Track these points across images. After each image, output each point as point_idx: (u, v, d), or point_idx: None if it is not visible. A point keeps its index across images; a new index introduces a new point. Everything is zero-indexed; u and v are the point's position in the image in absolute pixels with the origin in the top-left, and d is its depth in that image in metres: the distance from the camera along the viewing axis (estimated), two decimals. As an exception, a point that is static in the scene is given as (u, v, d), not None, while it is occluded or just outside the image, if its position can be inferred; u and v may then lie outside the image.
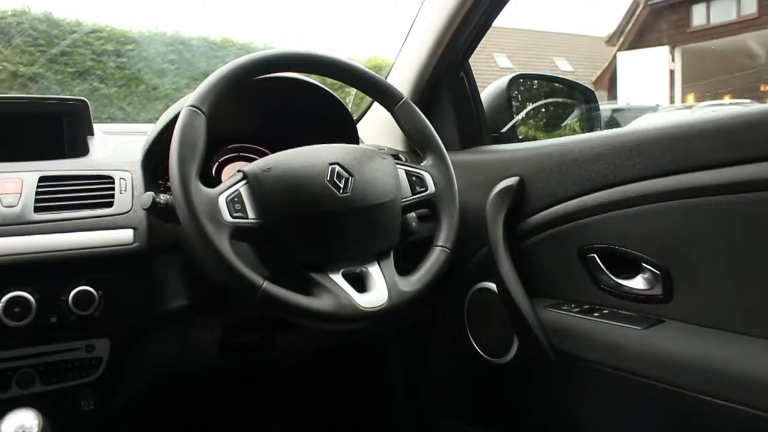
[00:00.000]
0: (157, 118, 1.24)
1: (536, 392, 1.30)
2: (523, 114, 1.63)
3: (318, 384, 1.82)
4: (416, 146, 1.19)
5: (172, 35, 6.62)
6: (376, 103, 1.61)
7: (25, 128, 1.24)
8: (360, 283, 1.01)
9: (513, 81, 1.54)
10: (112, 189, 1.14)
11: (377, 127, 1.58)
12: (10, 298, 1.02)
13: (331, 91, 1.28)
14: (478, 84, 1.53)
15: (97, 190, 1.13)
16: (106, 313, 1.09)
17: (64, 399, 1.13)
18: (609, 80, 14.17)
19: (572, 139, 1.23)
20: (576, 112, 1.71)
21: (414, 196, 1.13)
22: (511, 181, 1.25)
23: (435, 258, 1.09)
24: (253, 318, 1.28)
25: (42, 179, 1.11)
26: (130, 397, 1.27)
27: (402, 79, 1.51)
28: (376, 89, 1.18)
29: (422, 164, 1.17)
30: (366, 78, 1.17)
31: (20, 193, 1.08)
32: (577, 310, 1.14)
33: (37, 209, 1.07)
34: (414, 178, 1.14)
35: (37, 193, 1.09)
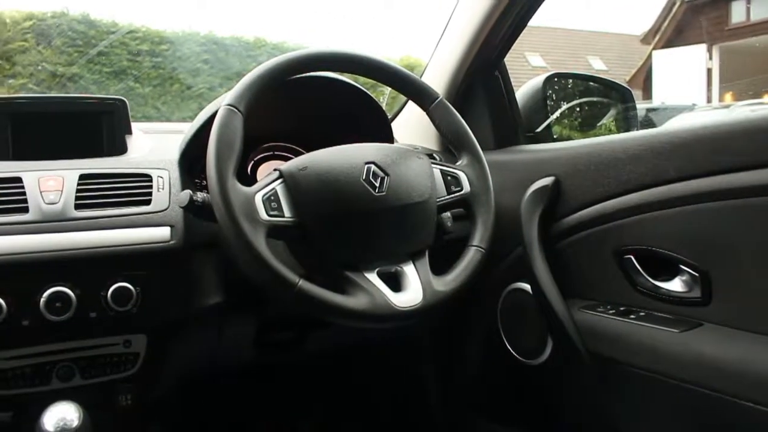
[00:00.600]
0: (191, 117, 1.26)
1: (570, 394, 1.29)
2: (557, 113, 1.61)
3: (350, 382, 1.82)
4: (451, 145, 1.19)
5: (205, 35, 6.70)
6: (410, 103, 1.61)
7: (66, 127, 1.27)
8: (395, 283, 1.01)
9: (548, 80, 1.53)
10: (150, 187, 1.16)
11: (411, 126, 1.58)
12: (52, 293, 1.04)
13: (366, 91, 1.28)
14: (511, 83, 1.53)
15: (136, 188, 1.15)
16: (143, 310, 1.10)
17: (102, 393, 1.15)
18: (644, 79, 13.98)
19: (609, 139, 1.21)
20: (612, 112, 1.69)
21: (449, 196, 1.12)
22: (547, 181, 1.24)
23: (470, 258, 1.08)
24: (287, 315, 1.29)
25: (82, 177, 1.13)
26: (165, 392, 1.29)
27: (436, 79, 1.51)
28: (412, 88, 1.18)
29: (457, 164, 1.16)
30: (401, 77, 1.16)
31: (61, 191, 1.10)
32: (613, 311, 1.13)
33: (77, 206, 1.10)
34: (449, 177, 1.13)
35: (78, 191, 1.11)
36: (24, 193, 1.08)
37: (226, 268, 1.16)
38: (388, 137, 1.35)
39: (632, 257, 1.12)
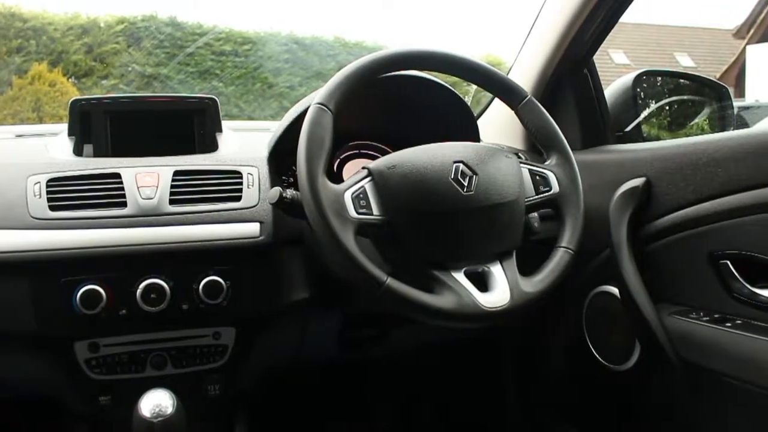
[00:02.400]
0: (272, 116, 1.30)
1: (658, 402, 1.25)
2: (647, 112, 1.57)
3: (430, 380, 1.83)
4: (540, 145, 1.17)
5: (286, 35, 6.85)
6: (496, 101, 1.60)
7: (160, 125, 1.32)
8: (482, 283, 1.00)
9: (639, 78, 1.49)
10: (241, 184, 1.19)
11: (497, 125, 1.57)
12: (148, 285, 1.09)
13: (453, 89, 1.28)
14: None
15: (227, 185, 1.18)
16: (233, 303, 1.14)
17: (192, 382, 1.20)
18: (736, 76, 13.36)
19: (703, 139, 1.17)
20: (706, 111, 1.63)
21: (537, 196, 1.10)
22: (637, 182, 1.20)
23: (558, 259, 1.06)
24: (371, 313, 1.30)
25: (176, 173, 1.18)
26: (251, 383, 1.32)
27: (523, 77, 1.49)
28: (500, 87, 1.16)
29: (546, 163, 1.14)
30: (490, 75, 1.15)
31: (157, 187, 1.15)
32: (707, 318, 1.09)
33: (171, 202, 1.14)
34: (538, 177, 1.12)
35: (172, 187, 1.15)
36: (122, 189, 1.13)
37: (312, 264, 1.18)
38: (475, 136, 1.34)
39: (728, 262, 1.07)
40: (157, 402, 1.02)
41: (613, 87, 1.50)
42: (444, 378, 1.84)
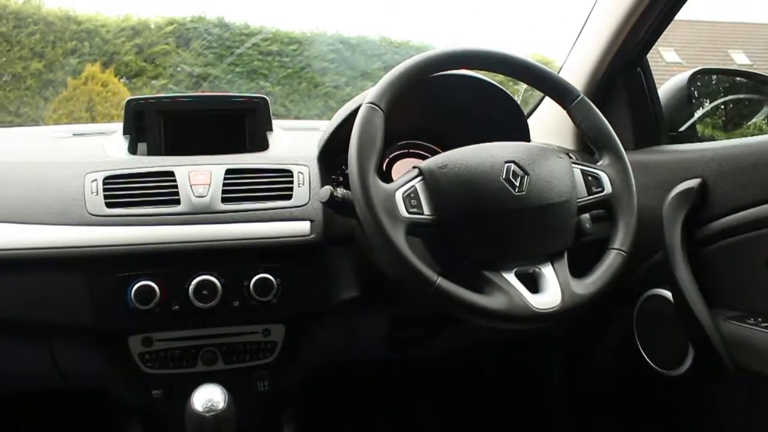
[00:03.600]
0: (318, 115, 1.30)
1: (712, 409, 1.23)
2: (701, 111, 1.53)
3: (474, 379, 1.82)
4: (592, 145, 1.15)
5: (332, 35, 6.89)
6: (545, 100, 1.58)
7: (211, 124, 1.34)
8: (532, 284, 0.99)
9: (694, 77, 1.46)
10: (291, 182, 1.20)
11: (546, 125, 1.55)
12: (200, 281, 1.11)
13: (503, 88, 1.27)
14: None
15: (278, 183, 1.19)
16: (282, 301, 1.15)
17: (241, 378, 1.22)
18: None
19: (762, 139, 1.14)
20: (764, 109, 1.58)
21: (590, 197, 1.09)
22: (692, 183, 1.18)
23: (611, 261, 1.04)
24: (419, 312, 1.30)
25: (228, 172, 1.19)
26: (299, 380, 1.34)
27: (575, 76, 1.46)
28: (552, 86, 1.15)
29: (598, 164, 1.13)
30: (541, 74, 1.14)
31: (209, 185, 1.16)
32: (765, 324, 1.05)
33: (224, 200, 1.15)
34: (590, 177, 1.10)
35: (224, 185, 1.17)
36: (176, 187, 1.15)
37: (361, 263, 1.19)
38: (525, 136, 1.33)
39: None
40: (209, 397, 1.03)
41: (667, 86, 1.47)
42: (488, 377, 1.82)
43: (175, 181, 1.16)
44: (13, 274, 1.10)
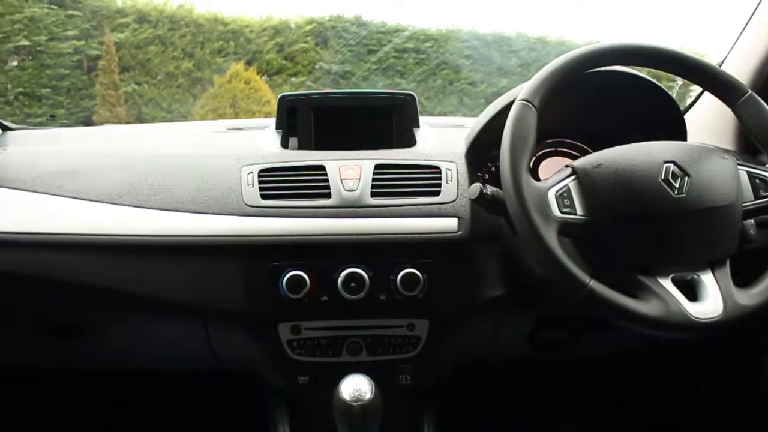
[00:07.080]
0: (451, 112, 1.28)
1: None
2: None
3: (618, 386, 1.75)
4: (760, 145, 1.07)
5: (467, 32, 6.84)
6: (703, 97, 1.49)
7: (360, 120, 1.37)
8: (690, 291, 0.95)
9: None
10: (439, 178, 1.20)
11: (702, 123, 1.45)
12: (348, 274, 1.14)
13: (658, 84, 1.21)
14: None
15: (426, 179, 1.20)
16: (428, 296, 1.16)
17: (384, 370, 1.24)
18: None
19: None
20: None
21: (758, 201, 1.02)
22: None
23: None
24: (565, 314, 1.27)
25: (377, 167, 1.21)
26: (441, 376, 1.34)
27: (738, 72, 1.36)
28: (716, 82, 1.08)
29: (767, 166, 1.05)
30: (704, 70, 1.08)
31: (359, 179, 1.19)
32: None
33: (373, 194, 1.18)
34: (758, 180, 1.03)
35: (374, 180, 1.19)
36: (327, 180, 1.19)
37: (508, 262, 1.17)
38: (681, 135, 1.26)
39: None
40: (356, 386, 1.06)
41: None
42: (634, 387, 1.75)
43: (326, 175, 1.20)
44: (176, 258, 1.17)
